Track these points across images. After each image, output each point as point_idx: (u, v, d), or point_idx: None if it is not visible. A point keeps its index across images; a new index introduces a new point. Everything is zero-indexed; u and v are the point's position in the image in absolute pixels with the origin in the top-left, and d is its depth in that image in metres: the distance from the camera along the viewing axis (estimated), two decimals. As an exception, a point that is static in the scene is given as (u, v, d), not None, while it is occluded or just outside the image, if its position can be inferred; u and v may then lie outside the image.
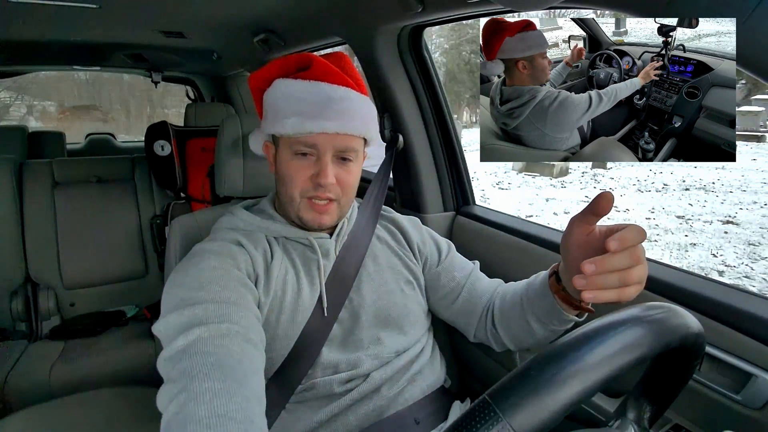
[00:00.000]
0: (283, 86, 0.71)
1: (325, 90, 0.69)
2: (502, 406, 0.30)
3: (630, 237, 0.47)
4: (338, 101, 0.68)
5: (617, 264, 0.47)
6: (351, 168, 0.72)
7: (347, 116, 0.68)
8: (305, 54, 0.73)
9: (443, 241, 0.89)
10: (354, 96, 0.71)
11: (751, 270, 3.84)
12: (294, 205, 0.71)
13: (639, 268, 0.48)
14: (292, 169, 0.70)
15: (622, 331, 0.35)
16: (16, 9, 1.26)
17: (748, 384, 0.60)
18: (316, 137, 0.67)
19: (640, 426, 0.46)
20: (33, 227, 1.67)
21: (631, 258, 0.48)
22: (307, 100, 0.68)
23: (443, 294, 0.83)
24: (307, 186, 0.70)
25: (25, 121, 12.25)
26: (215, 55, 2.04)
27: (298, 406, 0.68)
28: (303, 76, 0.70)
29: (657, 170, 7.24)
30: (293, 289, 0.70)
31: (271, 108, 0.72)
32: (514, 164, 8.04)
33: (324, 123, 0.67)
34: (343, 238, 0.78)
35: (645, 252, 0.50)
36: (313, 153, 0.69)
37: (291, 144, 0.69)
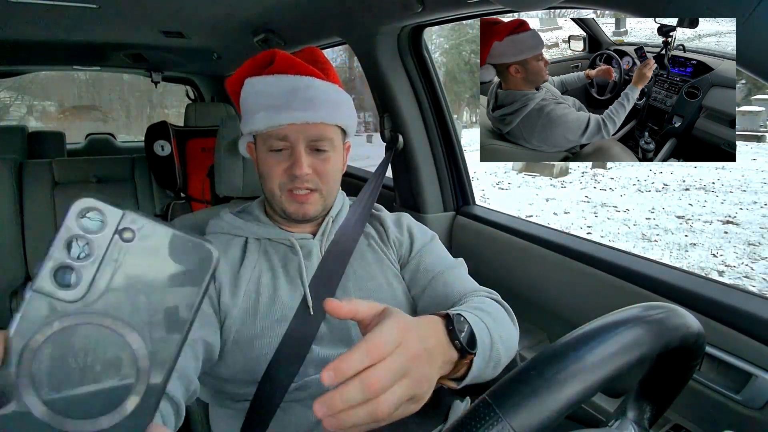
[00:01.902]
0: (251, 85, 0.72)
1: (290, 81, 0.70)
2: (502, 406, 0.30)
3: (347, 365, 0.34)
4: (303, 90, 0.69)
5: (349, 399, 0.34)
6: (327, 157, 0.72)
7: (314, 104, 0.69)
8: (269, 51, 0.74)
9: (422, 234, 0.84)
10: (319, 84, 0.71)
11: (751, 270, 3.84)
12: (276, 199, 0.73)
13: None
14: (268, 165, 0.71)
15: (622, 331, 0.35)
16: (16, 9, 1.26)
17: (748, 384, 0.60)
18: (286, 129, 0.68)
19: (640, 426, 0.46)
20: (33, 227, 1.67)
21: (363, 390, 0.34)
22: (273, 94, 0.69)
23: (415, 287, 0.78)
24: (284, 179, 0.71)
25: (25, 121, 12.25)
26: (215, 55, 2.04)
27: (294, 405, 0.68)
28: (268, 71, 0.72)
29: (657, 170, 7.24)
30: (269, 291, 0.71)
31: (243, 107, 0.73)
32: (514, 164, 8.03)
33: (291, 113, 0.68)
34: (329, 237, 0.78)
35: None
36: (286, 146, 0.70)
37: (265, 140, 0.71)
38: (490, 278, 0.90)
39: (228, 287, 0.70)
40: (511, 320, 0.70)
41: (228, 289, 0.70)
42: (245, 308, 0.69)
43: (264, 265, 0.74)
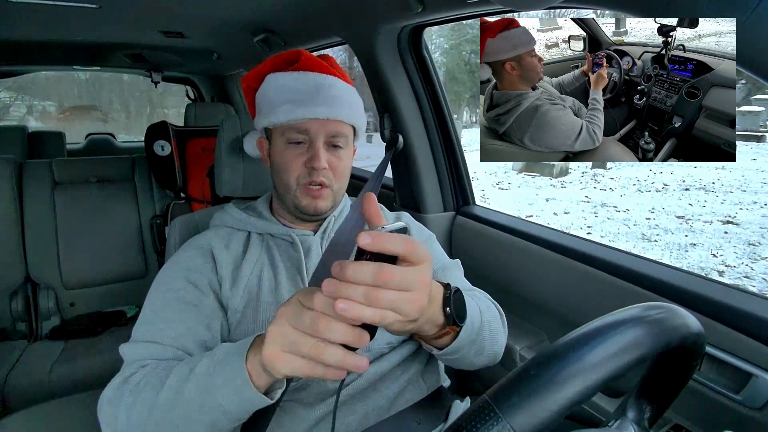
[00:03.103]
0: (274, 80, 0.75)
1: (314, 78, 0.73)
2: (502, 406, 0.30)
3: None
4: (327, 88, 0.72)
5: (359, 277, 0.36)
6: (342, 155, 0.75)
7: (336, 103, 0.72)
8: (294, 50, 0.77)
9: (418, 235, 0.86)
10: (341, 84, 0.75)
11: (751, 270, 3.84)
12: (291, 192, 0.74)
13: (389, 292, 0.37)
14: (286, 157, 0.73)
15: (622, 331, 0.35)
16: (16, 9, 1.26)
17: (748, 384, 0.60)
18: (308, 123, 0.71)
19: (640, 426, 0.46)
20: (33, 227, 1.67)
21: (374, 275, 0.36)
22: (298, 89, 0.72)
23: None
24: (302, 172, 0.73)
25: (25, 121, 12.24)
26: (215, 55, 2.04)
27: (294, 404, 0.68)
28: (293, 68, 0.75)
29: (657, 170, 7.24)
30: (269, 285, 0.72)
31: (264, 101, 0.75)
32: (514, 164, 8.04)
33: (315, 108, 0.70)
34: (330, 234, 0.79)
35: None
36: (305, 140, 0.72)
37: (284, 132, 0.72)
38: (490, 278, 0.90)
39: (229, 280, 0.71)
40: (502, 322, 0.73)
41: (229, 282, 0.71)
42: (246, 302, 0.70)
43: (265, 259, 0.75)
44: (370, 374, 0.70)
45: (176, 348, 0.62)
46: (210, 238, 0.76)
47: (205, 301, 0.68)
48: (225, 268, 0.72)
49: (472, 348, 0.62)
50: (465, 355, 0.62)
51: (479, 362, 0.68)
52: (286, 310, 0.41)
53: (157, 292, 0.70)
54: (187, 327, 0.64)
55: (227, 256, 0.73)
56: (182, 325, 0.64)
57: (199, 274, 0.70)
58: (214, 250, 0.74)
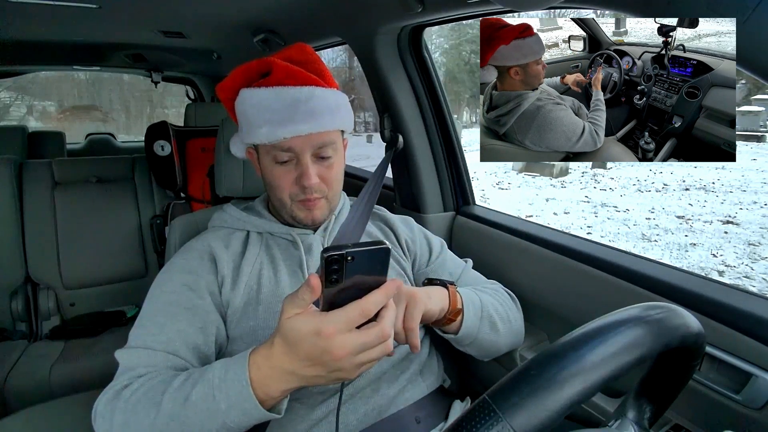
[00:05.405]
0: (249, 96, 0.71)
1: (290, 93, 0.69)
2: (502, 406, 0.30)
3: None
4: (305, 102, 0.69)
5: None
6: (332, 163, 0.73)
7: (317, 115, 0.69)
8: (265, 59, 0.72)
9: (436, 241, 0.90)
10: (319, 93, 0.71)
11: (751, 270, 3.84)
12: (286, 207, 0.75)
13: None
14: (275, 177, 0.72)
15: (622, 331, 0.35)
16: (16, 9, 1.26)
17: (748, 384, 0.60)
18: (290, 141, 0.69)
19: (640, 426, 0.46)
20: (33, 227, 1.66)
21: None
22: (275, 108, 0.68)
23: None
24: (294, 190, 0.72)
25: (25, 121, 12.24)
26: (215, 55, 2.04)
27: (294, 403, 0.68)
28: (266, 83, 0.70)
29: (657, 170, 7.24)
30: (270, 283, 0.72)
31: (243, 119, 0.73)
32: (514, 164, 8.03)
33: (295, 126, 0.68)
34: (332, 233, 0.79)
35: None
36: (291, 157, 0.71)
37: (269, 151, 0.71)
38: (490, 278, 0.90)
39: (229, 279, 0.71)
40: (515, 305, 0.84)
41: (230, 280, 0.71)
42: (246, 300, 0.71)
43: (265, 258, 0.75)
44: (370, 374, 0.70)
45: (167, 353, 0.62)
46: (209, 239, 0.76)
47: (199, 304, 0.68)
48: (226, 268, 0.72)
49: (483, 323, 0.71)
50: (483, 336, 0.71)
51: (502, 342, 0.76)
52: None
53: (152, 296, 0.70)
54: (177, 330, 0.64)
55: (227, 255, 0.74)
56: (173, 328, 0.64)
57: (196, 276, 0.70)
58: (214, 250, 0.74)
